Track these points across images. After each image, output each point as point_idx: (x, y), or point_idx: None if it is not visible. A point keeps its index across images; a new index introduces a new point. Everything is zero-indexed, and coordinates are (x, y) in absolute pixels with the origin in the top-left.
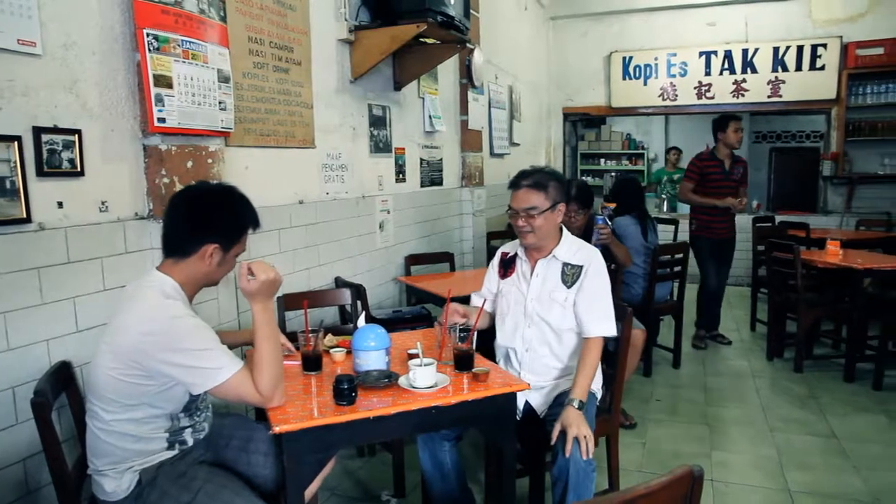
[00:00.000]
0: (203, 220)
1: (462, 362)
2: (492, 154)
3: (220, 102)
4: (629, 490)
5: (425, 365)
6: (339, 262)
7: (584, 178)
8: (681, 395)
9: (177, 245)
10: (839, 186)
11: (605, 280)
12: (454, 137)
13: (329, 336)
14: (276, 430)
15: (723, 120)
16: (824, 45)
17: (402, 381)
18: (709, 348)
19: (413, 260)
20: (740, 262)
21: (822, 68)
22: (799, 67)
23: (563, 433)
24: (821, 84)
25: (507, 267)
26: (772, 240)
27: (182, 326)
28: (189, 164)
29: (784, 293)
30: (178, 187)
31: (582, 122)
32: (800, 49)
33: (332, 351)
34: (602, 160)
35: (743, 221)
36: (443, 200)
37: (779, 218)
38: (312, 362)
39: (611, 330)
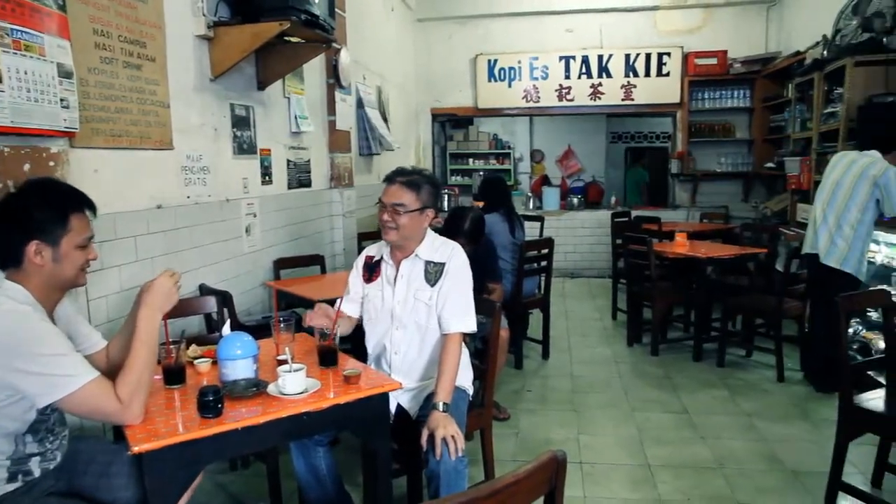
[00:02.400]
0: (13, 222)
1: (325, 358)
2: (360, 154)
3: (61, 99)
4: (498, 479)
5: (294, 370)
6: (204, 269)
7: (470, 211)
8: (550, 385)
9: (3, 256)
10: (685, 183)
11: (465, 276)
12: (322, 138)
13: (192, 346)
14: (136, 450)
15: None
16: (668, 54)
17: (271, 388)
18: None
19: (282, 264)
20: (601, 255)
21: (668, 75)
22: (648, 73)
23: (432, 436)
24: (667, 89)
25: (371, 271)
26: (628, 234)
27: (31, 331)
28: (26, 166)
29: (640, 283)
30: None
31: (450, 122)
32: (648, 56)
33: (196, 362)
34: (470, 160)
35: (602, 217)
36: (312, 202)
37: (634, 213)
38: (175, 375)
39: (470, 325)
